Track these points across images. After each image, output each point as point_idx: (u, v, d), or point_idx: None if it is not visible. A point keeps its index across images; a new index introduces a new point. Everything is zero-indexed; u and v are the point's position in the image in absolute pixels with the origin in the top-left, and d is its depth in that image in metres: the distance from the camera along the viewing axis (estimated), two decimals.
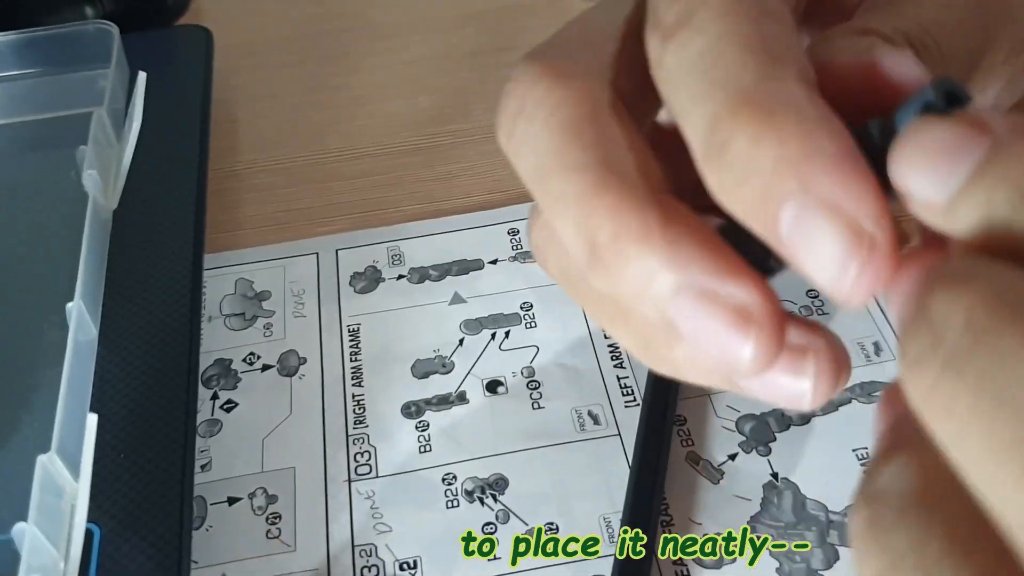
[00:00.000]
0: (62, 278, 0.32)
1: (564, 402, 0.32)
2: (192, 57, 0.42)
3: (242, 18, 0.49)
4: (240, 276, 0.36)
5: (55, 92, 0.41)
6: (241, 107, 0.44)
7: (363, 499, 0.30)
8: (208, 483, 0.30)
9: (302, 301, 0.35)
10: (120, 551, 0.27)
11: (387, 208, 0.39)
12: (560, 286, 0.19)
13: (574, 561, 0.28)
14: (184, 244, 0.35)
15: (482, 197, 0.39)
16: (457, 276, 0.36)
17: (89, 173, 0.34)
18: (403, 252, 0.37)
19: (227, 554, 0.29)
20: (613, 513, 0.29)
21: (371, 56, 0.47)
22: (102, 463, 0.29)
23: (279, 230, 0.38)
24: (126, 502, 0.28)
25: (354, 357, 0.33)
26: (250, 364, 0.33)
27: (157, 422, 0.30)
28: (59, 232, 0.35)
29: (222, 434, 0.31)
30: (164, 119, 0.39)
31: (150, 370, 0.31)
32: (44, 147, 0.40)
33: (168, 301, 0.33)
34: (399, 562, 0.28)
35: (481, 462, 0.30)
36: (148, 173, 0.37)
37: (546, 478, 0.30)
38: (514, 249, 0.37)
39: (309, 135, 0.43)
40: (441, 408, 0.32)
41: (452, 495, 0.30)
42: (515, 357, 0.33)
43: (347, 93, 0.45)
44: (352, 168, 0.41)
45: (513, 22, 0.48)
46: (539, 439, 0.31)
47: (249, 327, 0.35)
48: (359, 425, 0.32)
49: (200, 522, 0.29)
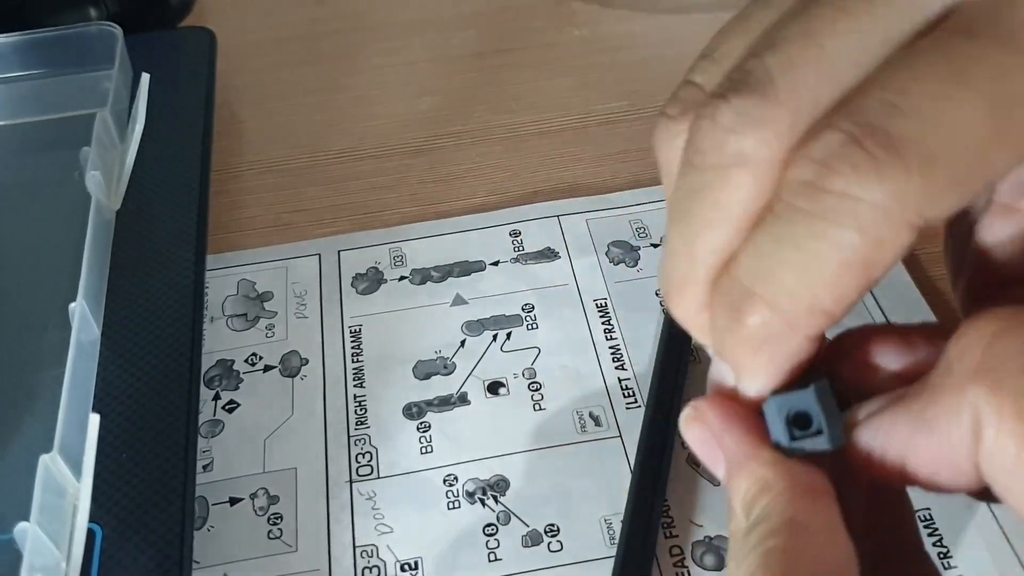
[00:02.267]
0: (65, 279, 0.32)
1: (565, 404, 0.32)
2: (195, 58, 0.43)
3: (245, 20, 0.50)
4: (242, 277, 0.36)
5: (58, 93, 0.41)
6: (244, 108, 0.44)
7: (364, 500, 0.30)
8: (210, 483, 0.30)
9: (304, 302, 0.35)
10: (122, 551, 0.27)
11: (389, 209, 0.39)
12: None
13: (575, 563, 0.28)
14: (187, 245, 0.35)
15: (484, 199, 0.39)
16: (459, 277, 0.36)
17: (92, 174, 0.34)
18: (405, 253, 0.37)
19: (229, 554, 0.29)
20: (614, 515, 0.29)
21: (373, 58, 0.47)
22: (104, 463, 0.29)
23: (281, 231, 0.38)
24: (128, 502, 0.28)
25: (356, 358, 0.33)
26: (252, 365, 0.33)
27: (159, 422, 0.30)
28: (62, 233, 0.35)
29: (224, 434, 0.32)
30: (167, 120, 0.39)
31: (152, 370, 0.31)
32: (47, 148, 0.40)
33: (170, 302, 0.33)
34: (400, 563, 0.28)
35: (482, 463, 0.30)
36: (151, 174, 0.37)
37: (547, 480, 0.30)
38: (516, 250, 0.37)
39: (311, 136, 0.43)
40: (442, 409, 0.32)
41: (453, 496, 0.30)
42: (516, 358, 0.33)
43: (349, 95, 0.45)
44: (354, 169, 0.41)
45: (515, 24, 0.48)
46: (540, 441, 0.31)
47: (251, 328, 0.35)
48: (361, 426, 0.32)
49: (202, 522, 0.29)
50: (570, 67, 0.46)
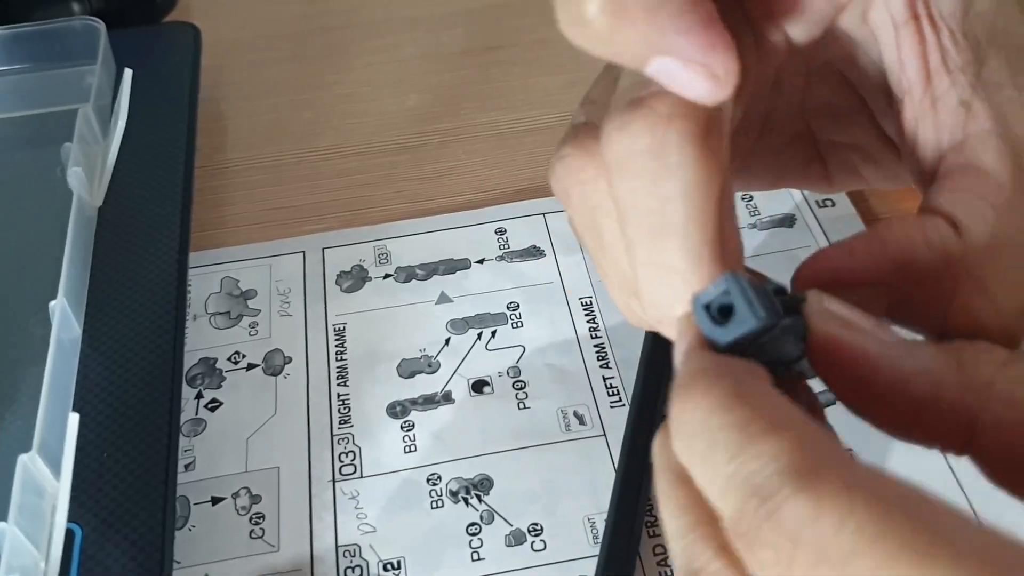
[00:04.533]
0: (46, 276, 0.32)
1: (550, 402, 0.32)
2: (179, 54, 0.42)
3: (230, 15, 0.49)
4: (226, 274, 0.36)
5: (40, 88, 0.40)
6: (228, 105, 0.44)
7: (347, 499, 0.29)
8: (191, 483, 0.30)
9: (288, 300, 0.35)
10: (102, 551, 0.27)
11: (374, 207, 0.39)
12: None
13: (558, 562, 0.28)
14: (169, 242, 0.34)
15: (469, 196, 0.39)
16: (444, 275, 0.36)
17: (74, 170, 0.34)
18: (390, 251, 0.37)
19: (210, 554, 0.28)
20: (598, 514, 0.29)
21: (360, 55, 0.47)
22: (84, 462, 0.28)
23: (265, 228, 0.38)
24: (108, 502, 0.28)
25: (340, 356, 0.33)
26: (235, 363, 0.33)
27: (140, 421, 0.29)
28: (43, 229, 0.35)
29: (206, 433, 0.31)
30: (150, 116, 0.39)
31: (134, 369, 0.31)
32: (29, 144, 0.39)
33: (153, 299, 0.33)
34: (383, 562, 0.28)
35: (466, 462, 0.30)
36: (134, 170, 0.37)
37: (531, 478, 0.30)
38: (501, 249, 0.36)
39: (297, 133, 0.42)
40: (427, 408, 0.32)
41: (437, 495, 0.29)
42: (501, 357, 0.33)
43: (335, 91, 0.45)
44: (339, 166, 0.41)
45: (503, 21, 0.48)
46: (525, 439, 0.31)
47: (234, 326, 0.34)
48: (344, 425, 0.31)
49: (183, 522, 0.29)
50: (558, 65, 0.45)
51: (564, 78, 0.45)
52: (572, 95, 0.43)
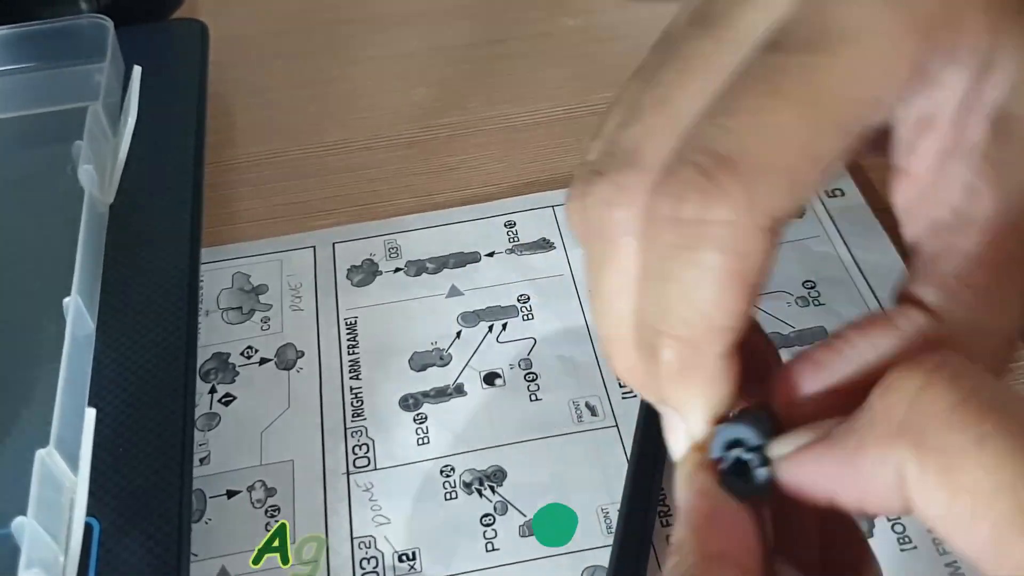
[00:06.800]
0: (59, 273, 0.32)
1: (561, 394, 0.32)
2: (187, 50, 0.42)
3: (237, 11, 0.49)
4: (237, 270, 0.36)
5: (50, 87, 0.40)
6: (237, 100, 0.44)
7: (361, 491, 0.30)
8: (207, 476, 0.30)
9: (299, 295, 0.35)
10: (120, 544, 0.27)
11: (384, 201, 0.39)
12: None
13: (572, 552, 0.28)
14: (181, 238, 0.35)
15: (478, 190, 0.39)
16: (454, 269, 0.36)
17: (85, 168, 0.34)
18: (400, 245, 0.37)
19: (227, 546, 0.29)
20: (611, 504, 0.29)
21: (367, 49, 0.47)
22: (101, 457, 0.29)
23: (276, 224, 0.38)
24: (125, 496, 0.28)
25: (352, 350, 0.33)
26: (248, 358, 0.33)
27: (155, 416, 0.30)
28: (55, 227, 0.35)
29: (220, 427, 0.32)
30: (160, 113, 0.39)
31: (148, 364, 0.31)
32: (39, 142, 0.39)
33: (165, 295, 0.33)
34: (398, 554, 0.28)
35: (479, 454, 0.30)
36: (144, 167, 0.37)
37: (544, 470, 0.30)
38: (511, 241, 0.37)
39: (305, 128, 0.43)
40: (439, 400, 0.32)
41: (450, 487, 0.30)
42: (512, 349, 0.33)
43: (343, 86, 0.45)
44: (348, 161, 0.41)
45: (508, 14, 0.48)
46: (537, 431, 0.31)
47: (246, 321, 0.35)
48: (357, 418, 0.32)
49: (199, 515, 0.29)
50: (564, 57, 0.45)
51: (569, 71, 0.45)
52: (578, 87, 0.44)
